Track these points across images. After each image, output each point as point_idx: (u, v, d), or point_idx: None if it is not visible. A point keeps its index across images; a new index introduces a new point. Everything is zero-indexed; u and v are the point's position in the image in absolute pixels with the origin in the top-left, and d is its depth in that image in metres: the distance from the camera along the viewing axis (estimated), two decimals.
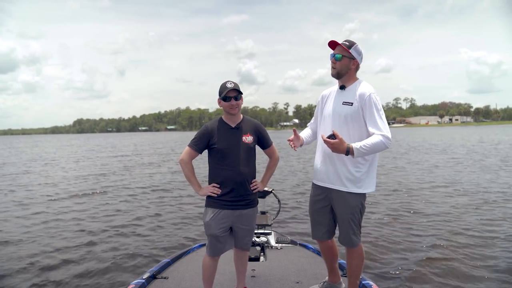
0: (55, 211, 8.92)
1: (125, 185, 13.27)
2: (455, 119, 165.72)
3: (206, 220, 2.93)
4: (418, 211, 8.06)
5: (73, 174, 17.18)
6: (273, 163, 3.16)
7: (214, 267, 3.04)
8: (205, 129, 2.94)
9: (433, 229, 6.67)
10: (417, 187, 11.10)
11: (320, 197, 2.98)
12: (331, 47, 2.91)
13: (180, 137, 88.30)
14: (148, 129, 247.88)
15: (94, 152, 35.39)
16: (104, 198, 10.67)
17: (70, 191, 11.96)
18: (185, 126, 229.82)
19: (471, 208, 8.21)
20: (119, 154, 31.07)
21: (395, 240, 6.12)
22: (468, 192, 10.12)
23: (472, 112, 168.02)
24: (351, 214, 2.82)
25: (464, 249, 5.61)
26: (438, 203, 8.77)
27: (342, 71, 2.85)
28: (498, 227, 6.63)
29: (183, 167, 2.96)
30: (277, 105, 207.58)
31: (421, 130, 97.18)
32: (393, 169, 15.49)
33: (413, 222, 7.20)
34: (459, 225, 6.86)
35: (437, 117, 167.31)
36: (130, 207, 9.34)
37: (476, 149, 25.11)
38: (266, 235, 4.51)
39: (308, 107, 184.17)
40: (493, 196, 9.38)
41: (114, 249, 6.02)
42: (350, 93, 2.85)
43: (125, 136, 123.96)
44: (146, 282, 3.35)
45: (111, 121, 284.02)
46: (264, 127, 3.12)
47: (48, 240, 6.55)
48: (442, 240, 6.03)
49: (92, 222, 7.80)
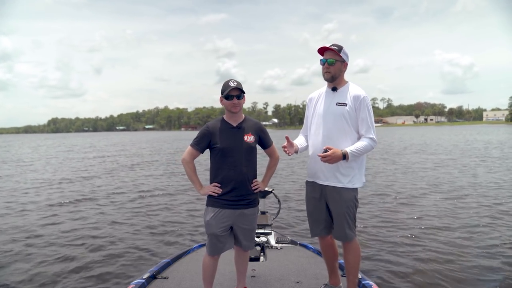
0: (54, 212, 8.80)
1: (125, 185, 13.13)
2: (430, 119, 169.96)
3: (206, 219, 2.93)
4: (419, 210, 8.11)
5: (70, 175, 16.74)
6: (274, 163, 3.18)
7: (214, 267, 3.04)
8: (206, 129, 2.95)
9: (434, 229, 6.68)
10: (417, 187, 11.10)
11: (315, 195, 3.05)
12: (320, 53, 3.00)
13: (160, 136, 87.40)
14: (126, 129, 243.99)
15: (84, 151, 34.57)
16: (103, 199, 10.53)
17: (67, 192, 11.76)
18: (163, 125, 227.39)
19: (471, 207, 8.23)
20: (106, 154, 30.47)
21: (395, 240, 6.16)
22: (470, 191, 10.19)
23: (446, 112, 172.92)
24: (347, 207, 2.91)
25: (464, 249, 5.63)
26: (438, 203, 8.83)
27: (336, 74, 2.95)
28: (502, 226, 6.68)
29: (185, 166, 2.97)
30: (256, 104, 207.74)
31: (400, 129, 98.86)
32: (386, 169, 15.66)
33: (413, 221, 7.22)
34: (459, 225, 6.89)
35: (413, 117, 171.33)
36: (130, 207, 9.27)
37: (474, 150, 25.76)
38: (266, 235, 4.52)
39: (287, 107, 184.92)
40: (493, 194, 9.60)
41: (114, 249, 6.01)
42: (342, 94, 2.96)
43: (105, 135, 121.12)
44: (146, 282, 3.35)
45: (88, 121, 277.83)
46: (264, 127, 3.15)
47: (48, 240, 6.51)
48: (442, 240, 6.06)
49: (91, 222, 7.77)
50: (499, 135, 44.50)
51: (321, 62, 2.98)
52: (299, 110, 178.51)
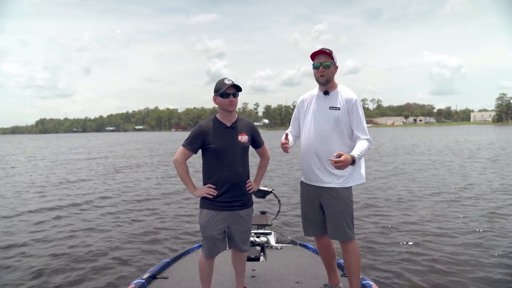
0: (56, 213, 8.80)
1: (124, 185, 13.13)
2: (419, 119, 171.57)
3: (202, 222, 2.90)
4: (416, 211, 8.17)
5: (70, 174, 16.72)
6: (265, 163, 3.18)
7: (211, 267, 3.03)
8: (199, 129, 2.88)
9: (432, 229, 6.74)
10: (413, 189, 11.16)
11: (310, 195, 3.08)
12: (312, 57, 3.01)
13: (154, 137, 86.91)
14: (116, 129, 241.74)
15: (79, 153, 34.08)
16: (102, 199, 10.50)
17: (67, 192, 11.78)
18: (153, 126, 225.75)
19: (470, 208, 8.30)
20: (102, 155, 30.25)
21: (395, 240, 6.19)
22: (472, 191, 10.32)
23: (435, 113, 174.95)
24: (344, 206, 2.95)
25: (464, 249, 5.68)
26: (435, 204, 8.88)
27: (330, 77, 3.00)
28: (502, 227, 6.74)
29: (177, 168, 2.91)
30: (247, 105, 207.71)
31: (390, 130, 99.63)
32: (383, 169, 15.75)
33: (412, 221, 7.27)
34: (458, 225, 6.94)
35: (402, 118, 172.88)
36: (130, 208, 9.25)
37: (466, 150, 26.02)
38: (266, 235, 4.52)
39: (278, 108, 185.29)
40: (492, 194, 9.72)
41: (114, 249, 6.03)
42: (334, 98, 3.01)
43: (96, 136, 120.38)
44: (146, 282, 3.34)
45: (77, 121, 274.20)
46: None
47: (47, 241, 6.51)
48: (441, 240, 6.10)
49: (91, 222, 7.79)
50: (488, 135, 45.15)
51: (314, 66, 2.99)
52: (289, 111, 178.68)
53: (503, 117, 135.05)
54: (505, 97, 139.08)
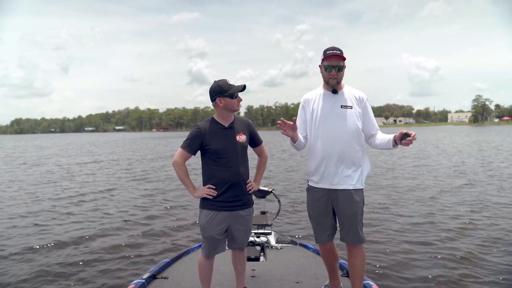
0: (57, 210, 8.82)
1: (123, 185, 13.02)
2: (399, 120, 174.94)
3: (202, 223, 2.88)
4: (418, 210, 8.24)
5: (67, 175, 16.47)
6: (263, 161, 3.16)
7: (211, 267, 3.02)
8: (197, 130, 2.87)
9: (433, 229, 6.76)
10: (414, 187, 11.27)
11: (322, 200, 2.99)
12: (331, 58, 2.90)
13: (139, 137, 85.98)
14: (95, 130, 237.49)
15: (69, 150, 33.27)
16: (102, 199, 10.38)
17: (67, 192, 11.64)
18: (134, 126, 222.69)
19: (469, 208, 8.32)
20: (102, 156, 29.69)
21: (395, 240, 6.22)
22: (473, 191, 10.44)
23: (414, 114, 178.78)
24: (359, 208, 2.92)
25: (465, 249, 5.69)
26: (435, 202, 8.98)
27: (341, 80, 2.98)
28: (503, 228, 6.79)
29: (177, 169, 2.89)
30: None
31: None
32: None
33: (412, 222, 7.31)
34: (458, 225, 6.96)
35: (383, 119, 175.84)
36: (129, 208, 9.18)
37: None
38: (266, 235, 4.50)
39: (260, 108, 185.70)
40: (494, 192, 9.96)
41: (114, 249, 6.02)
42: (344, 96, 2.99)
43: (77, 136, 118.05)
44: (146, 282, 3.32)
45: (54, 121, 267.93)
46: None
47: (47, 241, 6.46)
48: (442, 240, 6.15)
49: (91, 222, 7.73)
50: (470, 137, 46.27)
51: (326, 69, 2.93)
52: (271, 111, 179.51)
53: (479, 118, 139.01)
54: (480, 98, 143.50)
